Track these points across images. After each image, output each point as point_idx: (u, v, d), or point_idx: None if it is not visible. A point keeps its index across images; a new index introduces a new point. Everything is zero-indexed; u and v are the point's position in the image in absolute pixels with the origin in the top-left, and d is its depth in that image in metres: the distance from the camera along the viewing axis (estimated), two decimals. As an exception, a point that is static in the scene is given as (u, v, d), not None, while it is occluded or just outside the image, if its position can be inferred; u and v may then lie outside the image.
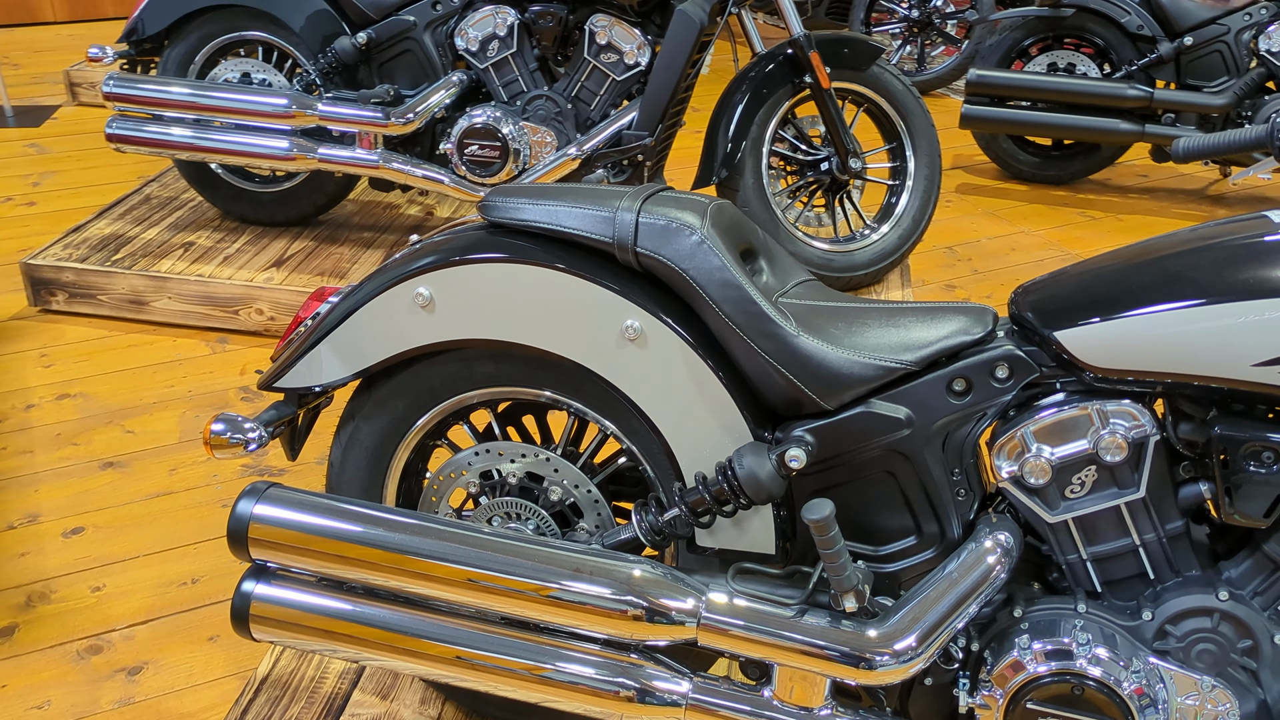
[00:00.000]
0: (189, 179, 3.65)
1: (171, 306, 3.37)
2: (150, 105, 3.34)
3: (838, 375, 1.45)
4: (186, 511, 2.62)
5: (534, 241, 1.56)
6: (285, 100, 3.23)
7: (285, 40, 3.42)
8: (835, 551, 1.38)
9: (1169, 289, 1.34)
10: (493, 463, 1.69)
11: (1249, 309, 1.28)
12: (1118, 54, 4.42)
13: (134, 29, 3.46)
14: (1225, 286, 1.30)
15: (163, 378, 3.17)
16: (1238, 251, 1.33)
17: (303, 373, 1.69)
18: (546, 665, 1.52)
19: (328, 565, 1.55)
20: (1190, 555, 1.45)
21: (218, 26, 3.45)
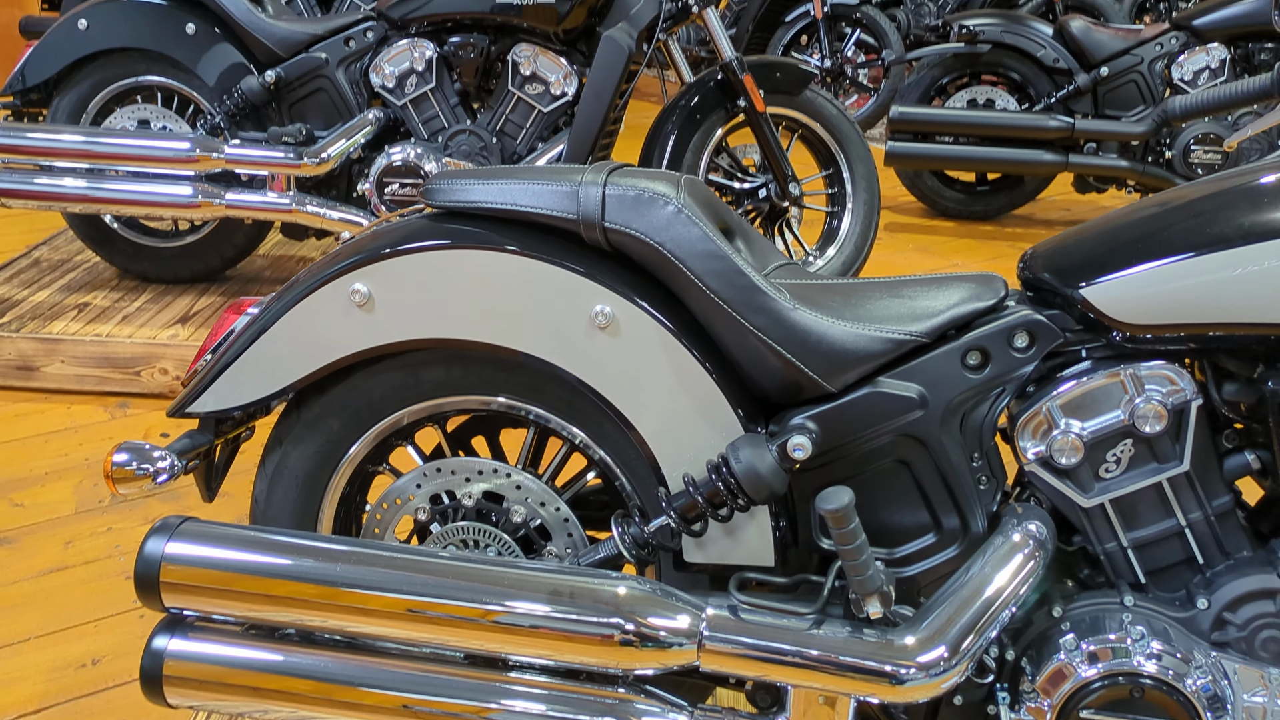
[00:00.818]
0: (82, 236, 3.38)
1: (65, 371, 3.08)
2: (38, 155, 3.08)
3: (841, 351, 1.29)
4: (84, 587, 2.32)
5: (486, 225, 1.37)
6: (188, 144, 3.00)
7: (186, 84, 3.21)
8: (856, 547, 1.20)
9: (1205, 232, 1.21)
10: (444, 484, 1.47)
11: (1304, 242, 1.16)
12: (1035, 88, 4.44)
13: (18, 78, 3.22)
14: (1272, 224, 1.18)
15: (56, 447, 2.87)
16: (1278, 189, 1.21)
17: (219, 394, 1.46)
18: (520, 708, 1.30)
19: (257, 608, 1.32)
20: (1240, 535, 1.30)
21: (111, 72, 3.23)
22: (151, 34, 3.13)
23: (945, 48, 4.45)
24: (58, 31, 3.16)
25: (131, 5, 3.13)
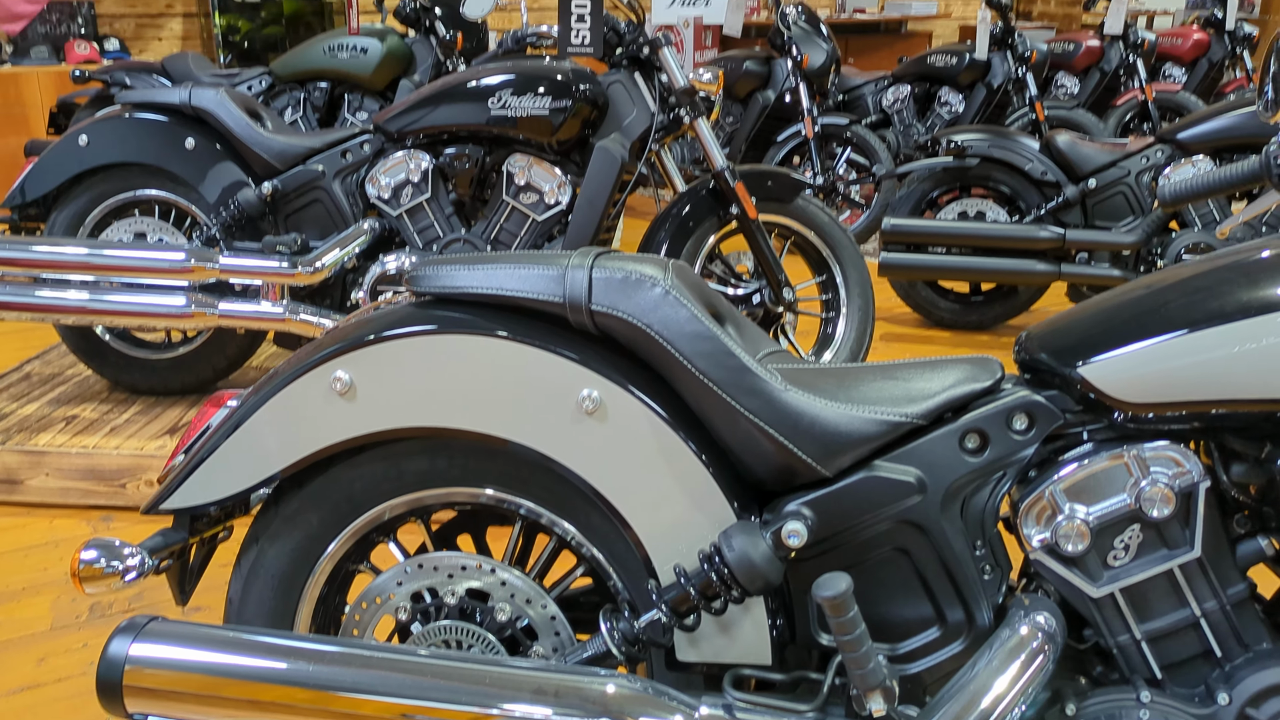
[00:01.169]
0: (74, 349, 3.36)
1: (49, 484, 3.02)
2: (33, 267, 3.08)
3: (834, 434, 1.25)
4: (56, 705, 2.22)
5: (471, 311, 1.35)
6: (183, 254, 3.01)
7: (183, 197, 3.24)
8: (856, 637, 1.13)
9: (1203, 308, 1.18)
10: (426, 580, 1.41)
11: (1303, 315, 1.13)
12: (1025, 200, 4.49)
13: (17, 193, 3.25)
14: (1270, 298, 1.15)
15: (35, 561, 2.79)
16: None
17: (194, 489, 1.41)
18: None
19: (228, 714, 1.24)
20: (1259, 626, 1.24)
21: (110, 186, 3.26)
22: (151, 149, 3.17)
23: (935, 162, 4.52)
24: (59, 147, 3.21)
25: (133, 121, 3.18)
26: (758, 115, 6.10)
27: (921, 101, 6.65)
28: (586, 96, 3.00)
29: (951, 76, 6.47)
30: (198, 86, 3.17)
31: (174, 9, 7.20)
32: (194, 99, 3.15)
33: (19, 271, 3.10)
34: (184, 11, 7.23)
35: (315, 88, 4.85)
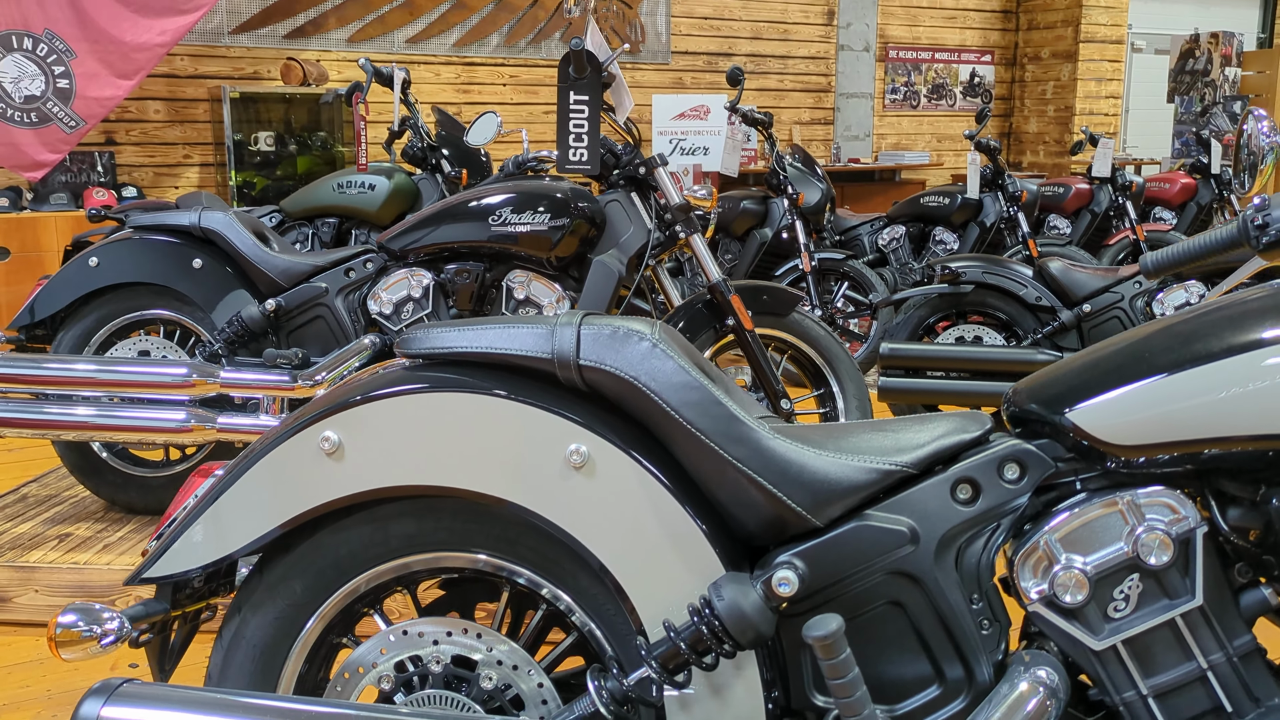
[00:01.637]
0: (71, 467, 3.36)
1: (38, 601, 2.97)
2: (36, 384, 3.10)
3: (824, 482, 1.24)
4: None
5: (460, 370, 1.36)
6: (184, 369, 3.03)
7: (189, 316, 3.29)
8: (850, 681, 1.10)
9: (1189, 349, 1.18)
10: (410, 647, 1.38)
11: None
12: (1020, 325, 4.54)
13: (27, 313, 3.31)
14: (1257, 334, 1.16)
15: (18, 678, 2.72)
16: (1269, 304, 1.19)
17: (177, 557, 1.39)
18: None
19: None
20: (1269, 679, 1.20)
21: (116, 307, 3.31)
22: (159, 269, 3.24)
23: (930, 289, 4.59)
24: (69, 268, 3.28)
25: (143, 243, 3.26)
26: (755, 252, 6.23)
27: (917, 241, 6.80)
28: (585, 214, 3.07)
29: (945, 216, 6.63)
30: (207, 210, 3.26)
31: (191, 159, 7.46)
32: (203, 221, 3.24)
33: (22, 389, 3.12)
34: (201, 162, 7.48)
35: (324, 223, 4.98)
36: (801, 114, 10.06)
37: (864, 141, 10.37)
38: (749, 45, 9.63)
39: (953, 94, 10.79)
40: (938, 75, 10.72)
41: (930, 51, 10.61)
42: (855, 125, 10.34)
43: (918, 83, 10.65)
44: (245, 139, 7.36)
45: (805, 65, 9.96)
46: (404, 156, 5.10)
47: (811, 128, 10.13)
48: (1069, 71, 10.51)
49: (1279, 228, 1.37)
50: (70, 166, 6.95)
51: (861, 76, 10.26)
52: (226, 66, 7.44)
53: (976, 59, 10.84)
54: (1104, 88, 10.55)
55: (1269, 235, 1.37)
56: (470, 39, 8.15)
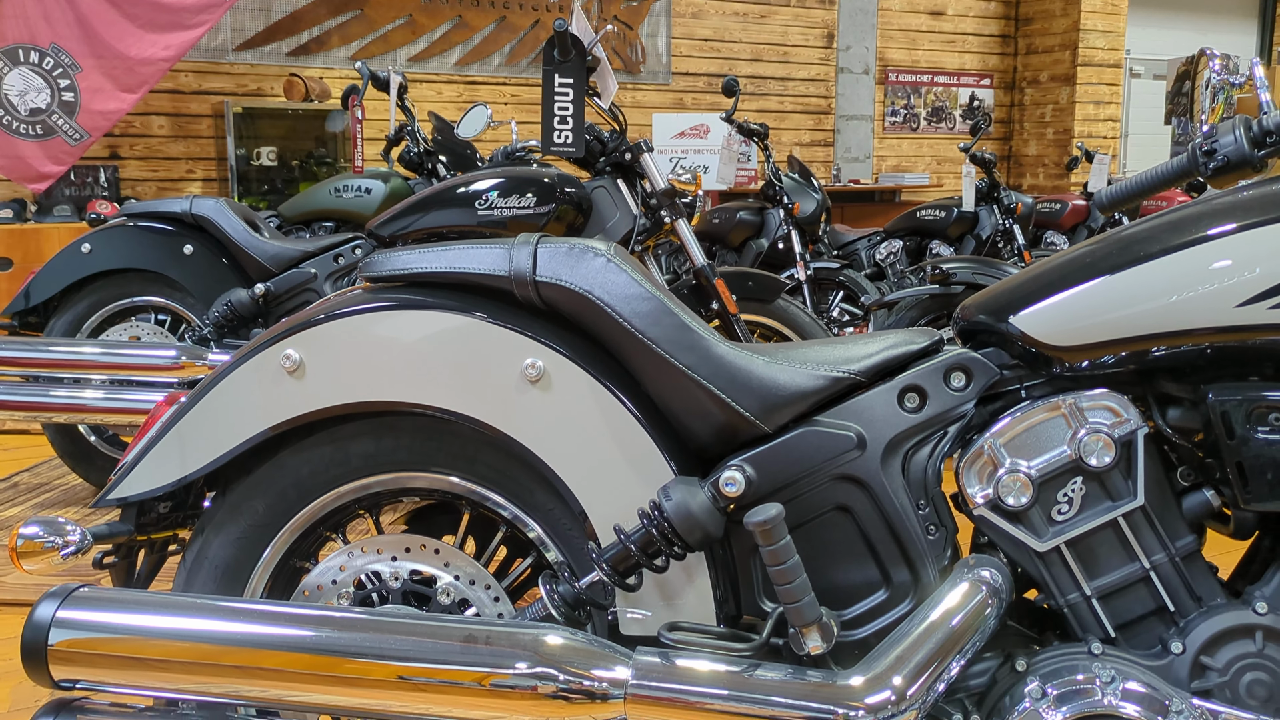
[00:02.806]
0: (61, 453, 3.38)
1: (24, 580, 2.98)
2: (28, 367, 3.13)
3: (773, 388, 1.25)
4: (3, 779, 2.13)
5: (420, 291, 1.38)
6: (174, 352, 3.06)
7: (179, 302, 3.32)
8: (789, 566, 1.11)
9: (1132, 251, 1.20)
10: (369, 563, 1.39)
11: (1225, 246, 1.15)
12: (1012, 326, 4.55)
13: (21, 298, 3.34)
14: (1197, 234, 1.18)
15: (2, 652, 2.73)
16: (1204, 208, 1.21)
17: (141, 478, 1.41)
18: (432, 783, 1.16)
19: (154, 677, 1.21)
20: (1211, 580, 1.21)
21: (109, 293, 3.35)
22: (151, 255, 3.28)
23: (921, 290, 4.60)
24: (62, 255, 3.32)
25: (135, 230, 3.30)
26: (751, 262, 6.26)
27: (913, 255, 6.82)
28: (571, 199, 3.11)
29: (941, 229, 6.66)
30: (198, 197, 3.31)
31: (194, 174, 7.53)
32: (194, 207, 3.28)
33: (16, 371, 3.15)
34: (204, 177, 7.56)
35: (320, 227, 5.02)
36: (802, 135, 10.13)
37: (864, 163, 10.43)
38: (749, 67, 9.72)
39: (952, 117, 10.87)
40: (937, 98, 10.80)
41: (930, 75, 10.69)
42: (855, 147, 10.41)
43: (917, 105, 10.72)
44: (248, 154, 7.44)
45: (805, 87, 10.05)
46: (400, 162, 5.16)
47: (811, 149, 10.20)
48: (1067, 95, 10.58)
49: (1225, 154, 1.39)
50: (74, 179, 7.03)
51: (861, 99, 10.34)
52: (230, 82, 7.53)
53: (976, 82, 10.92)
54: (1102, 110, 10.61)
55: (1216, 161, 1.40)
56: (472, 58, 8.25)
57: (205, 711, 1.27)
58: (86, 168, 7.06)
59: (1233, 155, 1.39)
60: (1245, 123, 1.42)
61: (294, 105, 7.35)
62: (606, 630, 1.31)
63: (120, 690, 1.23)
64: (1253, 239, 1.13)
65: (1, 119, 6.21)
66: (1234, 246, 1.13)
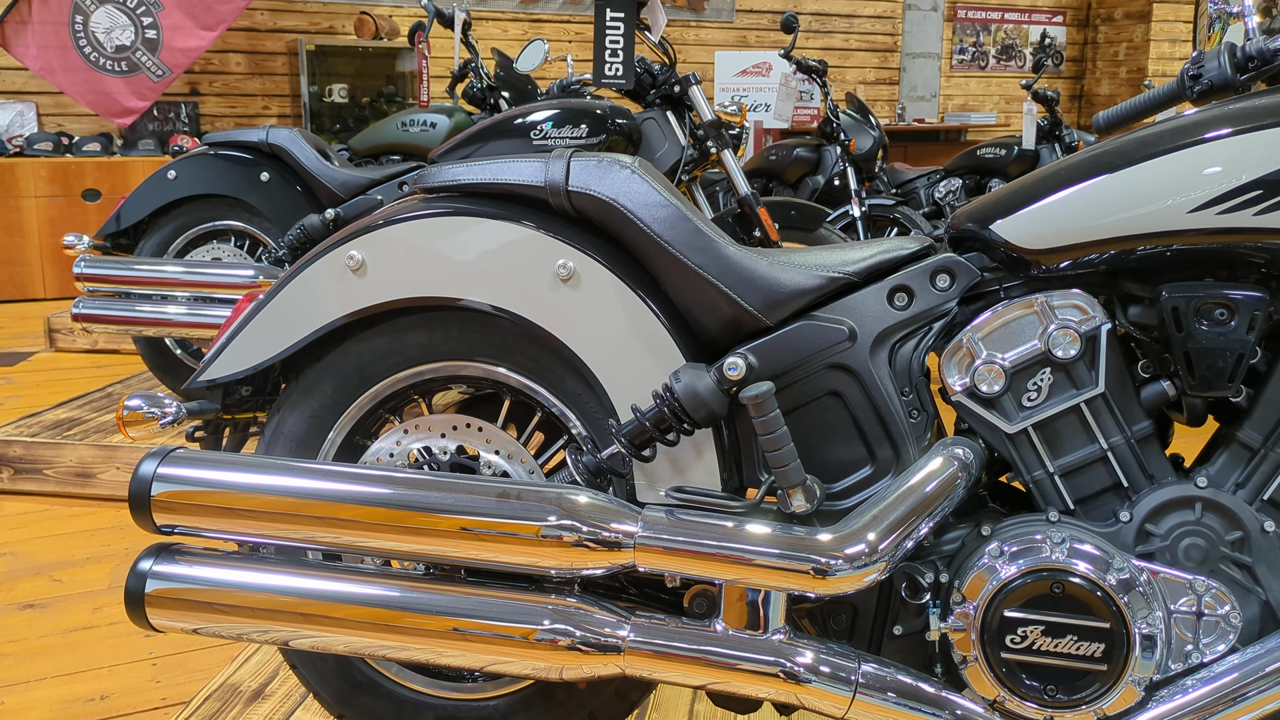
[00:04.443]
0: (150, 364, 3.65)
1: (120, 478, 3.27)
2: (118, 283, 3.40)
3: (776, 286, 1.41)
4: (105, 642, 2.41)
5: (468, 200, 1.55)
6: (252, 271, 3.30)
7: (257, 227, 3.55)
8: (778, 436, 1.28)
9: (1098, 164, 1.33)
10: (422, 439, 1.59)
11: (1177, 159, 1.27)
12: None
13: (113, 221, 3.60)
14: (1153, 148, 1.30)
15: (100, 540, 3.01)
16: (1165, 127, 1.34)
17: (226, 363, 1.62)
18: (474, 614, 1.36)
19: (240, 524, 1.42)
20: (1164, 461, 1.35)
21: (193, 217, 3.59)
22: (231, 182, 3.51)
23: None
24: (150, 181, 3.56)
25: (216, 158, 3.52)
26: (808, 198, 6.35)
27: (973, 193, 6.84)
28: (622, 130, 3.26)
29: (1001, 168, 6.66)
30: (275, 128, 3.52)
31: (270, 110, 7.79)
32: (270, 137, 3.49)
33: (109, 288, 3.42)
34: (279, 113, 7.82)
35: (388, 159, 5.22)
36: (867, 74, 10.09)
37: (930, 102, 10.36)
38: (814, 3, 9.68)
39: (1023, 55, 10.71)
40: (1007, 36, 10.65)
41: (1000, 11, 10.54)
42: (921, 86, 10.33)
43: (986, 43, 10.59)
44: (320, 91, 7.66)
45: (871, 24, 9.98)
46: (465, 97, 5.33)
47: (876, 88, 10.15)
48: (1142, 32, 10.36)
49: (1210, 78, 1.51)
50: (157, 115, 7.32)
51: (929, 36, 10.24)
52: (303, 20, 7.75)
53: (1048, 19, 10.74)
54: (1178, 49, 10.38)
55: (1200, 85, 1.51)
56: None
57: (283, 554, 1.49)
58: (168, 104, 7.35)
59: (1216, 79, 1.51)
60: (1230, 49, 1.53)
61: (364, 43, 7.54)
62: (626, 496, 1.49)
63: (211, 535, 1.45)
64: (1202, 152, 1.25)
65: (89, 55, 6.50)
66: (1186, 160, 1.26)
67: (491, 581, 1.42)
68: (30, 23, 6.41)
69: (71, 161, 6.62)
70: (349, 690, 1.63)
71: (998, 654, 1.27)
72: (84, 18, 6.48)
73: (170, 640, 2.40)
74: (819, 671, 1.29)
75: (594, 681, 1.55)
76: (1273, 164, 1.21)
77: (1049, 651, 1.25)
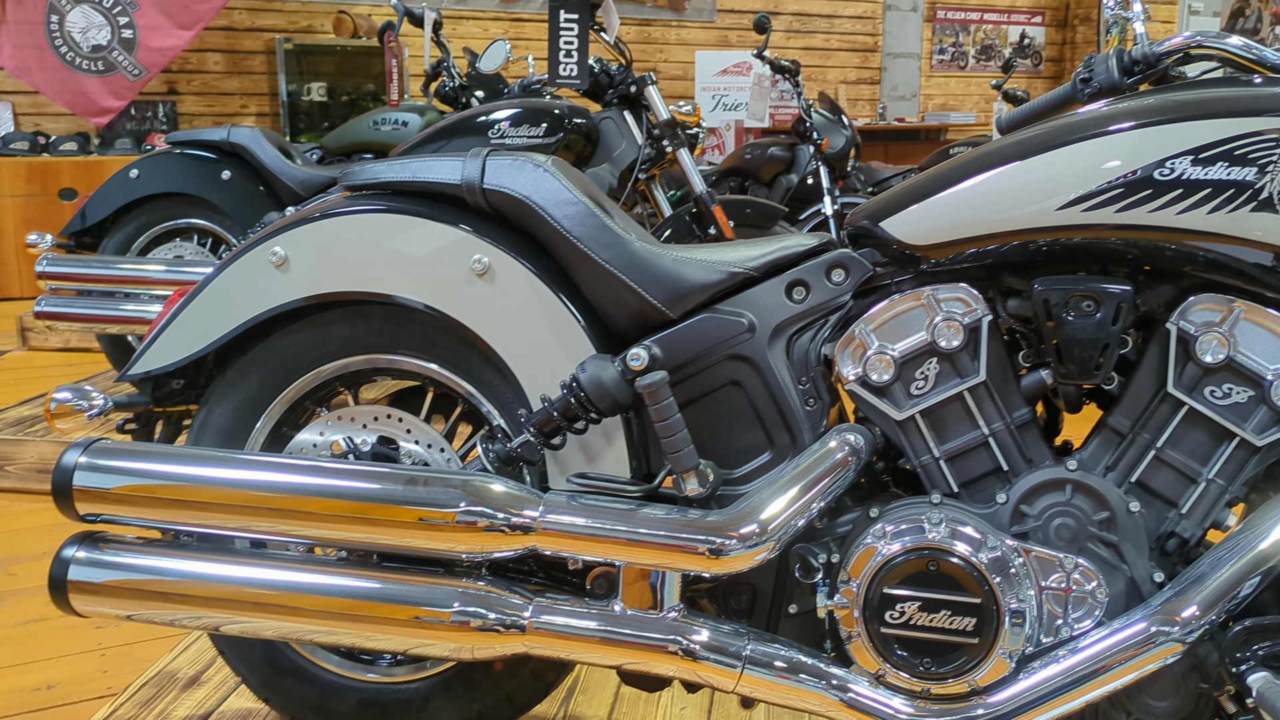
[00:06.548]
0: (114, 362, 3.70)
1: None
2: (80, 281, 3.43)
3: (679, 281, 1.47)
4: (57, 634, 2.45)
5: (389, 197, 1.60)
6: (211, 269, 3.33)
7: (219, 224, 3.60)
8: (671, 422, 1.33)
9: (979, 164, 1.39)
10: (345, 429, 1.64)
11: (1048, 159, 1.33)
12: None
13: (78, 219, 3.64)
14: (1027, 148, 1.36)
15: (59, 535, 3.05)
16: (1043, 128, 1.39)
17: (153, 358, 1.66)
18: (383, 597, 1.41)
19: (158, 512, 1.47)
20: (1042, 446, 1.40)
21: (156, 215, 3.63)
22: (193, 180, 3.55)
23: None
24: (113, 179, 3.60)
25: (178, 156, 3.57)
26: (781, 197, 6.40)
27: (947, 192, 6.89)
28: (579, 129, 3.31)
29: (973, 165, 6.70)
30: (236, 127, 3.56)
31: (248, 109, 7.83)
32: (232, 136, 3.54)
33: (72, 286, 3.46)
34: (257, 112, 7.85)
35: (361, 159, 5.27)
36: (848, 73, 10.15)
37: (910, 102, 10.43)
38: (795, 3, 9.74)
39: (1002, 55, 10.77)
40: (987, 36, 10.72)
41: (979, 12, 10.61)
42: (902, 85, 10.40)
43: (966, 44, 10.66)
44: (299, 90, 7.70)
45: (852, 24, 10.05)
46: (437, 96, 5.38)
47: (857, 87, 10.21)
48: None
49: (1099, 81, 1.57)
50: (134, 114, 7.36)
51: (909, 36, 10.30)
52: (282, 19, 7.78)
53: (1027, 20, 10.81)
54: (1155, 48, 10.43)
55: (1091, 87, 1.57)
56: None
57: (206, 543, 1.54)
58: (146, 103, 7.38)
59: (1104, 81, 1.56)
60: (1118, 53, 1.58)
61: (344, 42, 7.58)
62: (539, 483, 1.54)
63: (133, 523, 1.49)
64: (1071, 152, 1.31)
65: (65, 55, 6.54)
66: (1056, 159, 1.31)
67: (407, 566, 1.47)
68: (5, 22, 6.44)
69: (48, 161, 6.65)
70: (274, 675, 1.68)
71: (878, 629, 1.32)
72: (59, 17, 6.51)
73: (119, 631, 2.44)
74: (710, 647, 1.34)
75: (509, 663, 1.60)
76: (1134, 163, 1.27)
77: (925, 626, 1.31)
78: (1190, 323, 1.31)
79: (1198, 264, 1.30)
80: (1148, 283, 1.35)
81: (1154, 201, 1.27)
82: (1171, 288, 1.35)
